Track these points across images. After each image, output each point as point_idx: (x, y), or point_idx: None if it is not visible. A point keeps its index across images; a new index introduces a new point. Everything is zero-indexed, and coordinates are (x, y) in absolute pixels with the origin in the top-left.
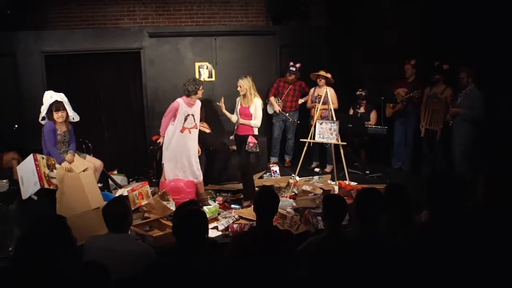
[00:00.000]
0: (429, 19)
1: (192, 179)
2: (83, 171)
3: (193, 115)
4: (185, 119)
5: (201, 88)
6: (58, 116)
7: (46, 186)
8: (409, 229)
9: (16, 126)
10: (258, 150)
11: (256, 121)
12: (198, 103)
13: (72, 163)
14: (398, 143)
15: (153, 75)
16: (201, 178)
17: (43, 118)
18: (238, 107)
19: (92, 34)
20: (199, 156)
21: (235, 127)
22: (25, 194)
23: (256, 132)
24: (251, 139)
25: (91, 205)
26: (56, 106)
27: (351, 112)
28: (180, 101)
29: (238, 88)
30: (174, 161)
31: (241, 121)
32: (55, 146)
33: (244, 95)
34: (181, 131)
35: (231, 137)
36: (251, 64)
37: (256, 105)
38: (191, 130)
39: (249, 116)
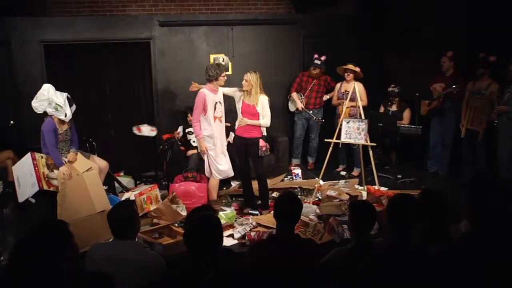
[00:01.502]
0: (473, 4)
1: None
2: (87, 171)
3: (220, 102)
4: (215, 108)
5: (223, 74)
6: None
7: (45, 187)
8: (446, 241)
9: (11, 122)
10: (269, 152)
11: (266, 120)
12: (221, 90)
13: (74, 163)
14: (435, 145)
15: (163, 68)
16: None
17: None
18: (240, 104)
19: (97, 22)
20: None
21: (235, 127)
22: (21, 197)
23: (264, 132)
24: (262, 143)
25: (95, 208)
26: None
27: (382, 110)
28: (205, 91)
29: (243, 82)
30: (224, 154)
31: (249, 121)
32: (56, 148)
33: (248, 92)
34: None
35: (229, 139)
36: (271, 57)
37: (263, 103)
38: (221, 119)
39: (255, 116)
